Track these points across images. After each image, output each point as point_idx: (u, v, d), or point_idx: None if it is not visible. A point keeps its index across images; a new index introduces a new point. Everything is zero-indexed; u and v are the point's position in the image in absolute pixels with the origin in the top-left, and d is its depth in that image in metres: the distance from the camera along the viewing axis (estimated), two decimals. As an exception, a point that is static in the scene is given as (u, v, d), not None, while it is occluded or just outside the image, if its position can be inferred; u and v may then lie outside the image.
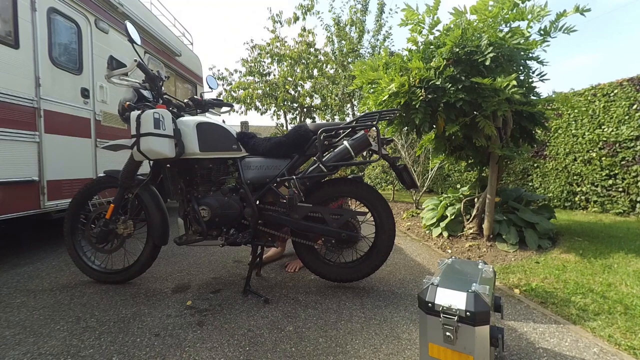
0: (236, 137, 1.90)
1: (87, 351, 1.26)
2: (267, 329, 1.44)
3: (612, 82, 4.20)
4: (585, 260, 2.28)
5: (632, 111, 3.92)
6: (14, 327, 1.44)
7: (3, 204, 2.15)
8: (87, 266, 1.96)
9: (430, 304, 0.82)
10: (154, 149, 1.61)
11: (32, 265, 2.30)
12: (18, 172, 2.26)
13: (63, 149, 2.63)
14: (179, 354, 1.25)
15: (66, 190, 2.66)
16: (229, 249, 2.65)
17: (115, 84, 1.83)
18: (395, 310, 1.62)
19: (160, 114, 1.64)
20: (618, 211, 4.10)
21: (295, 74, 9.07)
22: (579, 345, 1.31)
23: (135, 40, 1.75)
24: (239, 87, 9.50)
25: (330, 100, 8.98)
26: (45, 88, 2.48)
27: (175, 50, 4.50)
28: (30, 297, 1.77)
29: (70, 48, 2.80)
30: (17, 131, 2.25)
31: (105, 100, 3.14)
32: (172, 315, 1.55)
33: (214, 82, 2.24)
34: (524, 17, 2.26)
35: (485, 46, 2.23)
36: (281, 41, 9.18)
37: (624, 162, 4.00)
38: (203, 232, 1.78)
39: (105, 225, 1.89)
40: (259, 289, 1.88)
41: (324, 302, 1.72)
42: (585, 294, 1.76)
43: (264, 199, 1.87)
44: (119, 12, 3.28)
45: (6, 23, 2.22)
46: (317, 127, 1.79)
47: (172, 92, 4.53)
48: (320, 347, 1.31)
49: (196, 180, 1.86)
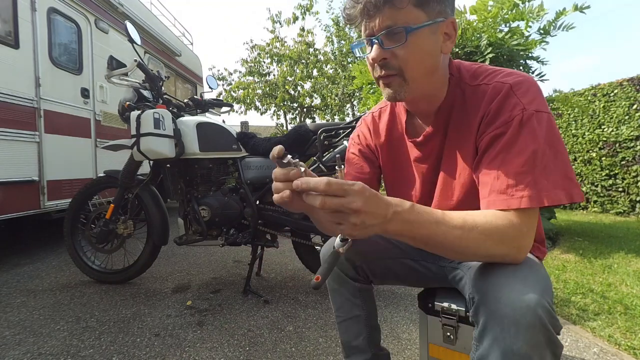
0: (236, 137, 1.90)
1: (87, 351, 1.26)
2: (267, 329, 1.44)
3: (612, 82, 4.20)
4: (585, 260, 2.28)
5: (632, 111, 3.92)
6: (14, 327, 1.44)
7: (3, 204, 2.15)
8: (87, 266, 1.96)
9: (430, 304, 0.82)
10: (154, 149, 1.61)
11: (32, 265, 2.30)
12: (18, 172, 2.26)
13: (63, 149, 2.63)
14: (179, 354, 1.25)
15: (66, 190, 2.65)
16: (229, 249, 2.65)
17: (115, 84, 1.83)
18: (395, 310, 1.62)
19: (160, 114, 1.64)
20: (618, 211, 4.10)
21: (295, 74, 9.07)
22: (579, 345, 1.31)
23: (135, 40, 1.75)
24: (238, 87, 9.50)
25: (330, 100, 8.99)
26: (45, 88, 2.48)
27: (175, 50, 4.50)
28: (30, 297, 1.77)
29: (70, 48, 2.80)
30: (17, 131, 2.25)
31: (105, 100, 3.14)
32: (172, 315, 1.55)
33: (214, 82, 2.24)
34: (524, 17, 2.26)
35: (484, 46, 2.24)
36: (281, 41, 9.18)
37: (624, 162, 4.00)
38: (203, 232, 1.78)
39: (105, 225, 1.89)
40: (259, 289, 1.88)
41: (324, 302, 1.72)
42: (585, 294, 1.76)
43: (264, 199, 1.87)
44: (119, 12, 3.28)
45: (6, 23, 2.22)
46: (317, 127, 1.79)
47: (172, 92, 4.53)
48: (320, 347, 1.31)
49: (196, 180, 1.86)
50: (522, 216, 0.52)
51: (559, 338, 0.50)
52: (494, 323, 0.50)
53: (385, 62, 0.60)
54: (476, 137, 0.62)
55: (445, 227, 0.50)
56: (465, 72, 0.66)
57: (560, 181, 0.53)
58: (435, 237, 0.51)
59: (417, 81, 0.61)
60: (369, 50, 0.62)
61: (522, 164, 0.53)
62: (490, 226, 0.51)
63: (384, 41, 0.58)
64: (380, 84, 0.64)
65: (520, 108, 0.55)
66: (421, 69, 0.60)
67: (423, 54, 0.59)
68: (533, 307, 0.47)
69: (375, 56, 0.59)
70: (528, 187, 0.52)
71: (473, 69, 0.66)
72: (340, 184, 0.44)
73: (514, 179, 0.53)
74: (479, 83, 0.63)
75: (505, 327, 0.48)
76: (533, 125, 0.54)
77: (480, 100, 0.61)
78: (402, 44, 0.57)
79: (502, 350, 0.49)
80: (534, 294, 0.48)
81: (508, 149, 0.54)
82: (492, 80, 0.61)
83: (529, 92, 0.56)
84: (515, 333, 0.47)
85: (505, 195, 0.53)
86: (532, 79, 0.59)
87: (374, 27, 0.58)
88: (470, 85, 0.64)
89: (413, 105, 0.71)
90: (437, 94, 0.66)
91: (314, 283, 0.47)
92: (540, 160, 0.53)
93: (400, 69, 0.59)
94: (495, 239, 0.52)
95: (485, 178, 0.56)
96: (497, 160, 0.55)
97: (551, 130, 0.54)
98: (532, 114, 0.54)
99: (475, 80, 0.64)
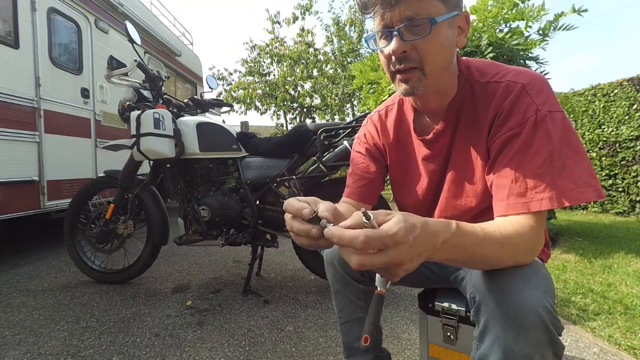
0: (236, 137, 1.90)
1: (87, 351, 1.26)
2: (267, 329, 1.44)
3: (612, 82, 4.20)
4: (585, 260, 2.28)
5: (632, 111, 3.92)
6: (14, 327, 1.44)
7: (3, 204, 2.15)
8: (87, 266, 1.96)
9: (430, 304, 0.82)
10: (154, 149, 1.61)
11: (32, 265, 2.30)
12: (18, 172, 2.26)
13: (63, 149, 2.63)
14: (179, 354, 1.25)
15: (66, 190, 2.65)
16: (229, 249, 2.65)
17: (115, 84, 1.83)
18: (395, 310, 1.62)
19: (160, 114, 1.64)
20: (618, 211, 4.10)
21: (295, 74, 9.06)
22: (579, 345, 1.31)
23: (135, 40, 1.75)
24: (238, 87, 9.50)
25: (330, 100, 8.98)
26: (45, 88, 2.48)
27: (175, 50, 4.50)
28: (30, 297, 1.77)
29: (70, 48, 2.80)
30: (17, 131, 2.25)
31: (105, 100, 3.14)
32: (172, 315, 1.55)
33: (214, 82, 2.24)
34: (524, 17, 2.26)
35: (485, 46, 2.24)
36: (280, 41, 9.18)
37: (624, 162, 4.00)
38: (203, 232, 1.78)
39: (105, 225, 1.89)
40: (259, 289, 1.88)
41: (324, 302, 1.72)
42: (585, 294, 1.76)
43: (264, 199, 1.87)
44: (119, 12, 3.28)
45: (6, 23, 2.22)
46: (317, 127, 1.79)
47: (172, 92, 4.53)
48: (320, 347, 1.31)
49: (196, 180, 1.86)
50: (539, 219, 0.52)
51: (561, 339, 0.50)
52: (495, 323, 0.50)
53: (405, 55, 0.57)
54: (487, 136, 0.61)
55: (485, 244, 0.48)
56: (475, 69, 0.65)
57: (586, 179, 0.51)
58: (474, 257, 0.48)
59: (436, 75, 0.59)
60: (384, 43, 0.59)
61: (539, 165, 0.52)
62: (519, 237, 0.50)
63: (404, 33, 0.55)
64: (397, 78, 0.61)
65: (534, 109, 0.54)
66: (441, 62, 0.59)
67: (443, 47, 0.57)
68: (535, 307, 0.47)
69: (396, 48, 0.56)
70: (548, 189, 0.51)
71: (482, 66, 0.65)
72: (379, 237, 0.36)
73: (532, 182, 0.52)
74: (489, 80, 0.62)
75: (506, 327, 0.48)
76: (547, 126, 0.53)
77: (491, 98, 0.60)
78: (425, 36, 0.55)
79: (503, 350, 0.49)
80: (536, 294, 0.48)
81: (524, 151, 0.54)
82: (503, 79, 0.60)
83: (542, 92, 0.56)
84: (517, 333, 0.47)
85: (525, 198, 0.52)
86: (544, 78, 0.59)
87: (392, 18, 0.55)
88: (480, 82, 0.63)
89: (424, 102, 0.68)
90: (448, 90, 0.65)
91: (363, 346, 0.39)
92: (557, 161, 0.52)
93: (421, 63, 0.57)
94: (524, 249, 0.51)
95: (502, 181, 0.55)
96: (513, 163, 0.54)
97: (566, 129, 0.53)
98: (545, 114, 0.53)
99: (484, 78, 0.63)
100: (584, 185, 0.51)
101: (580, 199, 0.51)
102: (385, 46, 0.58)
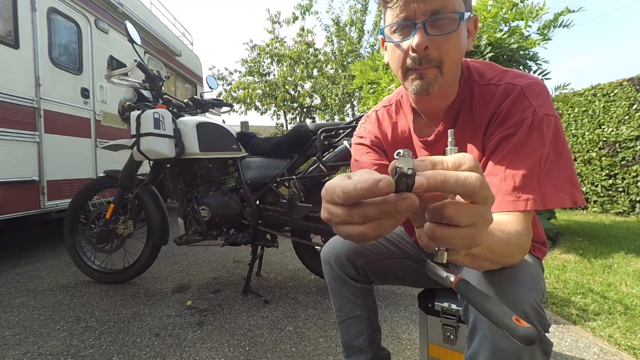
0: (236, 137, 1.90)
1: (87, 351, 1.26)
2: (267, 329, 1.44)
3: (612, 82, 4.20)
4: (585, 260, 2.28)
5: (632, 111, 3.92)
6: (14, 327, 1.44)
7: (3, 204, 2.15)
8: (87, 266, 1.96)
9: (430, 304, 0.82)
10: (154, 149, 1.61)
11: (32, 265, 2.30)
12: (18, 172, 2.26)
13: (63, 149, 2.63)
14: (179, 354, 1.25)
15: (66, 190, 2.65)
16: (229, 249, 2.65)
17: (115, 84, 1.83)
18: (395, 310, 1.62)
19: (160, 114, 1.64)
20: (618, 211, 4.10)
21: (295, 74, 9.06)
22: (579, 345, 1.31)
23: (135, 40, 1.75)
24: (238, 87, 9.49)
25: (330, 100, 8.98)
26: (45, 88, 2.48)
27: (175, 50, 4.50)
28: (30, 297, 1.77)
29: (70, 48, 2.80)
30: (17, 131, 2.25)
31: (105, 100, 3.14)
32: (172, 315, 1.55)
33: (214, 82, 2.24)
34: (523, 16, 2.26)
35: (484, 46, 2.23)
36: (280, 41, 9.18)
37: (624, 162, 4.00)
38: (203, 232, 1.78)
39: (105, 225, 1.89)
40: (259, 289, 1.88)
41: (324, 302, 1.72)
42: (585, 294, 1.76)
43: (264, 199, 1.87)
44: (119, 12, 3.28)
45: (6, 23, 2.22)
46: (317, 127, 1.79)
47: (172, 92, 4.53)
48: (320, 347, 1.31)
49: (196, 180, 1.86)
50: (527, 218, 0.52)
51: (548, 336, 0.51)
52: (482, 321, 0.51)
53: (426, 54, 0.54)
54: (483, 137, 0.61)
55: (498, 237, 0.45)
56: (474, 70, 0.65)
57: (564, 185, 0.53)
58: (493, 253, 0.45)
59: (450, 74, 0.58)
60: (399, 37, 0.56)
61: (529, 166, 0.52)
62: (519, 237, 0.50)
63: (429, 27, 0.53)
64: (411, 74, 0.58)
65: (531, 111, 0.54)
66: (457, 62, 0.58)
67: (461, 46, 0.56)
68: (520, 304, 0.48)
69: (420, 42, 0.53)
70: (533, 191, 0.52)
71: (481, 68, 0.65)
72: (484, 181, 0.29)
73: (520, 182, 0.52)
74: (488, 83, 0.62)
75: (493, 326, 0.48)
76: (542, 129, 0.53)
77: (489, 100, 0.60)
78: (452, 31, 0.53)
79: (492, 348, 0.49)
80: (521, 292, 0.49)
81: (517, 151, 0.54)
82: (501, 81, 0.60)
83: (540, 96, 0.56)
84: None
85: (512, 197, 0.53)
86: (542, 82, 0.59)
87: (416, 10, 0.53)
88: (479, 84, 0.63)
89: (428, 103, 0.66)
90: (451, 91, 0.64)
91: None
92: (544, 165, 0.53)
93: (440, 60, 0.55)
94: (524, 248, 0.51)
95: (492, 179, 0.56)
96: (505, 162, 0.55)
97: (557, 134, 0.54)
98: (542, 117, 0.54)
99: (483, 79, 0.63)
100: (562, 191, 0.53)
101: (556, 204, 0.52)
102: (402, 40, 0.56)
